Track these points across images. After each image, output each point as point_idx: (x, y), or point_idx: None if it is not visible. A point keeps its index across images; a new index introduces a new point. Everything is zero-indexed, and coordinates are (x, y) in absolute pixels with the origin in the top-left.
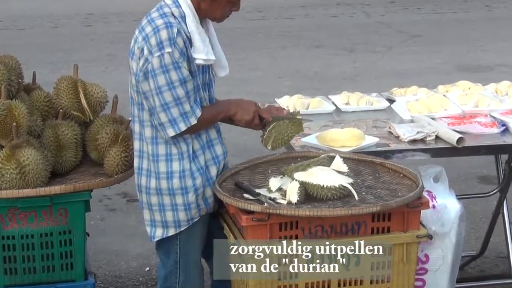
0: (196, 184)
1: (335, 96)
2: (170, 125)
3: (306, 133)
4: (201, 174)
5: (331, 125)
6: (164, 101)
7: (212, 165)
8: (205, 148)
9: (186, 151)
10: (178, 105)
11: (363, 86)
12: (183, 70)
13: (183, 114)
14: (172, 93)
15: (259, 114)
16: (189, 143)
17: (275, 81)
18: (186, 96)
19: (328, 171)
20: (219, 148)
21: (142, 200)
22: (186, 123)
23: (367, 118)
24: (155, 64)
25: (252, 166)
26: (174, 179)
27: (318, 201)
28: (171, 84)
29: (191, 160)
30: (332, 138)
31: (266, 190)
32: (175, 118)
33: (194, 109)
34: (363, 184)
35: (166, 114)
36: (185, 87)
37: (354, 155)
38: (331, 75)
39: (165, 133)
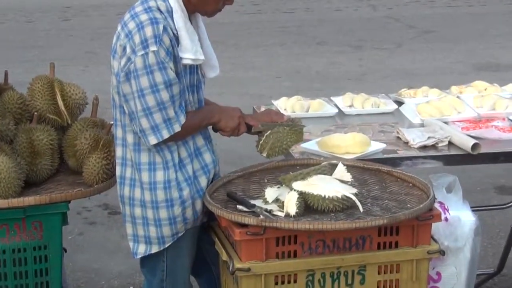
0: (183, 196)
1: (338, 98)
2: (152, 132)
3: (306, 138)
4: (188, 184)
5: (334, 129)
6: (146, 105)
7: (201, 175)
8: (193, 156)
9: (170, 159)
10: (162, 110)
11: (369, 87)
12: (169, 72)
13: (166, 120)
14: (156, 97)
15: (245, 121)
16: (174, 151)
17: (272, 81)
18: (171, 100)
19: (330, 180)
20: (208, 156)
21: (125, 212)
22: (169, 130)
23: (373, 122)
24: (138, 64)
25: (246, 175)
26: (158, 190)
27: (319, 213)
28: (155, 87)
29: (177, 169)
30: (335, 144)
31: (262, 201)
32: (157, 125)
33: (178, 115)
34: (368, 194)
35: (148, 119)
36: (170, 90)
37: (358, 163)
38: (334, 75)
39: (146, 140)
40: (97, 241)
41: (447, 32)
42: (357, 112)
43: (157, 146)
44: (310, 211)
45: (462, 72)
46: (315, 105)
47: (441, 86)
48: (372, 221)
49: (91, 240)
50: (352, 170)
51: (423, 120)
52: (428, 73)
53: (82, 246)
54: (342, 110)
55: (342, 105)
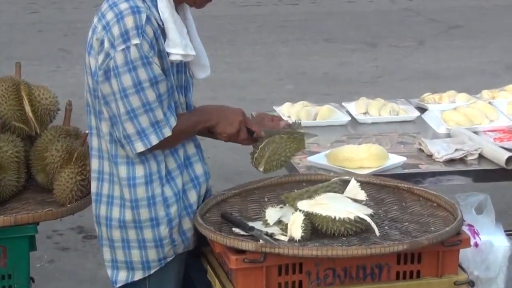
0: (171, 214)
1: (350, 104)
2: (138, 137)
3: (313, 150)
4: (176, 200)
5: (346, 140)
6: (130, 107)
7: (190, 189)
8: (182, 167)
9: (156, 171)
10: (148, 112)
11: (386, 91)
12: (154, 67)
13: (154, 123)
14: (141, 97)
15: (247, 126)
16: (161, 161)
17: (274, 84)
18: (158, 100)
19: (341, 199)
20: (200, 167)
21: (102, 235)
22: (158, 135)
23: (392, 131)
24: (119, 60)
25: (243, 192)
26: (141, 208)
27: (328, 237)
28: (139, 85)
29: (163, 183)
30: (347, 157)
31: (262, 223)
32: (144, 129)
33: (168, 117)
34: (386, 216)
35: (133, 123)
36: (157, 88)
37: (374, 179)
38: (345, 77)
39: (132, 148)
40: (70, 269)
41: (477, 27)
42: (372, 120)
43: (141, 155)
44: (318, 235)
45: (495, 73)
46: (323, 112)
47: (470, 90)
48: (390, 246)
49: (63, 268)
50: (367, 188)
51: (450, 130)
52: (455, 75)
53: (53, 275)
54: (355, 118)
55: (355, 112)
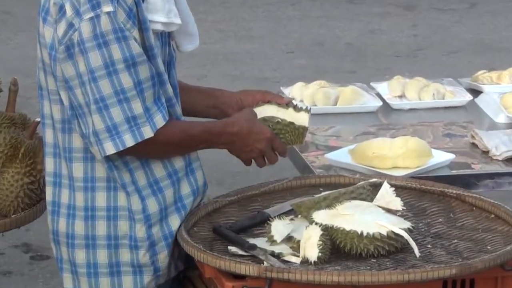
0: (153, 235)
1: (381, 84)
2: (108, 135)
3: (332, 145)
4: (162, 218)
5: (375, 132)
6: (99, 94)
7: (189, 203)
8: (181, 174)
9: (130, 182)
10: (122, 102)
11: (429, 67)
12: (131, 44)
13: (130, 119)
14: (113, 82)
15: (275, 147)
16: (136, 168)
17: (281, 58)
18: (136, 88)
19: (370, 209)
20: (201, 176)
21: (61, 256)
22: (135, 136)
23: (436, 120)
24: (86, 32)
25: (242, 200)
26: (118, 221)
27: (353, 258)
28: (112, 67)
29: (143, 196)
30: (377, 154)
31: (266, 240)
32: (116, 125)
33: (151, 114)
34: (428, 230)
35: (103, 116)
36: (135, 72)
37: (413, 183)
38: (375, 49)
39: (101, 148)
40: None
41: None
42: (411, 106)
43: (110, 160)
44: (339, 256)
45: None
46: (346, 95)
47: None
48: (434, 271)
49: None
50: (404, 194)
51: None
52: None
53: None
54: (388, 103)
55: (387, 95)
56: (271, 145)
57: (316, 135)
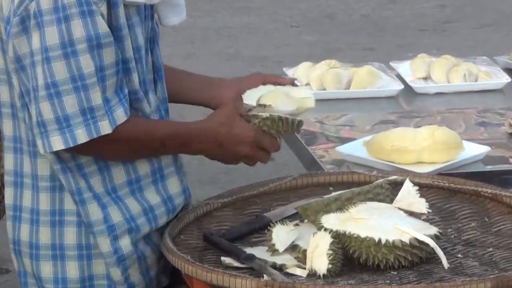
0: (121, 248)
1: (403, 64)
2: (57, 127)
3: (345, 136)
4: (131, 229)
5: (396, 120)
6: (52, 78)
7: (162, 213)
8: (145, 182)
9: (86, 188)
10: (79, 90)
11: (459, 44)
12: (97, 21)
13: (86, 110)
14: (70, 65)
15: (262, 146)
16: (92, 174)
17: (284, 33)
18: (98, 75)
19: (390, 212)
20: (175, 184)
21: (24, 270)
22: (89, 131)
23: (467, 106)
24: (45, 2)
25: (237, 201)
26: (93, 228)
27: (369, 270)
28: (71, 47)
29: (103, 203)
30: (398, 147)
31: (267, 249)
32: (68, 116)
33: (111, 106)
34: (459, 237)
35: (53, 104)
36: (98, 55)
37: (441, 181)
38: (395, 22)
39: (46, 142)
40: None
41: None
42: (437, 90)
43: (61, 161)
44: (353, 268)
45: None
46: (361, 77)
47: None
48: (466, 284)
49: None
50: (430, 194)
51: None
52: None
53: None
54: (411, 86)
55: (410, 77)
56: (257, 146)
57: (325, 125)
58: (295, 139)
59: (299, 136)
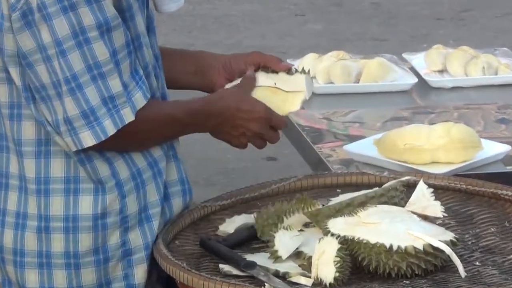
0: (129, 242)
1: (416, 56)
2: (85, 122)
3: (354, 134)
4: (141, 221)
5: (409, 117)
6: (71, 72)
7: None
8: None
9: (110, 176)
10: (97, 79)
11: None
12: (104, 5)
13: (107, 100)
14: (85, 54)
15: (272, 124)
16: (115, 161)
17: (288, 21)
18: (113, 60)
19: (402, 216)
20: (154, 194)
21: (8, 279)
22: (114, 121)
23: (487, 102)
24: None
25: (237, 203)
26: (82, 234)
27: (379, 279)
28: (82, 35)
29: (123, 192)
30: (411, 146)
31: (269, 256)
32: (93, 109)
33: (129, 89)
34: (477, 243)
35: (76, 99)
36: (109, 40)
37: (458, 182)
38: (410, 10)
39: (76, 139)
40: None
41: None
42: (454, 84)
43: (81, 151)
44: (362, 276)
45: None
46: (372, 70)
47: None
48: None
49: None
50: (446, 196)
51: None
52: None
53: None
54: (425, 79)
55: (424, 70)
56: (268, 124)
57: (333, 121)
58: (299, 137)
59: (304, 134)
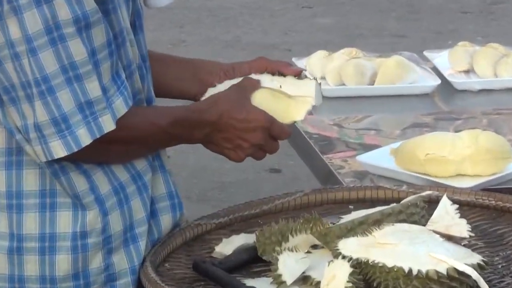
0: (112, 265)
1: (439, 54)
2: (56, 131)
3: (368, 142)
4: (127, 241)
5: (430, 123)
6: (42, 73)
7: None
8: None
9: (88, 190)
10: (72, 82)
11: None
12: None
13: (83, 105)
14: (59, 53)
15: (273, 134)
16: (93, 174)
17: (294, 15)
18: (91, 60)
19: (423, 236)
20: (140, 208)
21: None
22: (91, 129)
23: None
24: None
25: (236, 222)
26: (60, 255)
27: None
28: (57, 30)
29: (105, 209)
30: (433, 156)
31: (272, 281)
32: (66, 116)
33: (109, 95)
34: (508, 267)
35: (47, 103)
36: (88, 38)
37: (486, 198)
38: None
39: (45, 148)
40: None
41: None
42: (482, 86)
43: (55, 162)
44: None
45: None
46: (389, 70)
47: None
48: None
49: None
50: (473, 214)
51: None
52: None
53: None
54: (450, 81)
55: (449, 70)
56: (268, 134)
57: (344, 128)
58: (307, 146)
59: (312, 142)
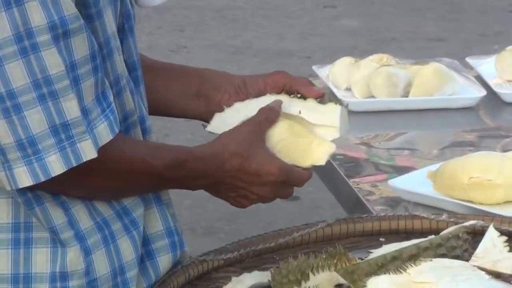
0: None
1: (485, 61)
2: (21, 155)
3: (401, 164)
4: (117, 286)
5: (475, 141)
6: (6, 87)
7: (132, 279)
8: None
9: (66, 224)
10: (46, 99)
11: None
12: (59, 1)
13: (59, 127)
14: (31, 65)
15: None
16: (72, 206)
17: (314, 16)
18: (69, 75)
19: (466, 272)
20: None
21: None
22: (66, 157)
23: None
24: None
25: (247, 258)
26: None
27: None
28: (29, 39)
29: (87, 247)
30: (479, 180)
31: None
32: (34, 139)
33: (92, 118)
34: None
35: (12, 123)
36: (67, 48)
37: None
38: (477, 2)
39: (9, 175)
40: None
41: None
42: None
43: (27, 191)
44: None
45: None
46: (426, 80)
47: None
48: None
49: None
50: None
51: None
52: None
53: None
54: (496, 92)
55: (495, 79)
56: (283, 182)
57: (374, 148)
58: (330, 169)
59: (336, 165)
